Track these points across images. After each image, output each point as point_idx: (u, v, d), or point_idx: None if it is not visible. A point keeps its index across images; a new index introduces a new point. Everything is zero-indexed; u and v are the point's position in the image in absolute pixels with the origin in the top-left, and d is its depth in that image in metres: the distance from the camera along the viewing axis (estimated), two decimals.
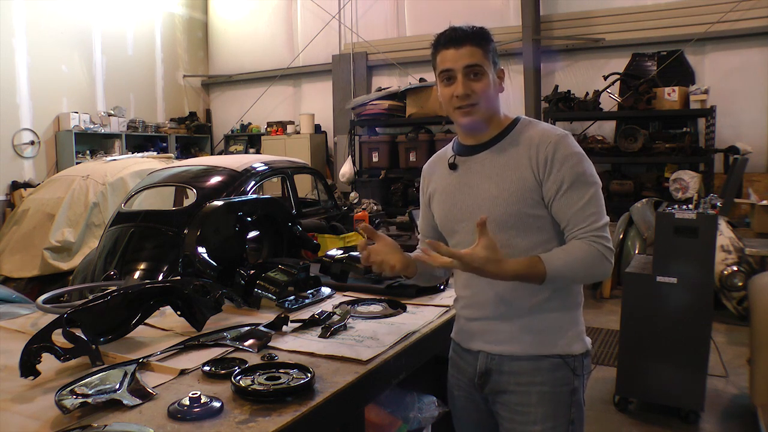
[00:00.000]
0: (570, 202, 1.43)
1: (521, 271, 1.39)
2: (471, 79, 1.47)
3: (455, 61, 1.46)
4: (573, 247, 1.43)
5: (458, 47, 1.46)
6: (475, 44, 1.46)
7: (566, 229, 1.46)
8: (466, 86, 1.46)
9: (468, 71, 1.46)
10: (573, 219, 1.44)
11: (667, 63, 7.17)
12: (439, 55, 1.51)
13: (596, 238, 1.42)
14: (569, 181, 1.43)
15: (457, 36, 1.47)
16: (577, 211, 1.43)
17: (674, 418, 3.31)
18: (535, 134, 1.49)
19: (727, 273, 4.84)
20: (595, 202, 1.45)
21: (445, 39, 1.49)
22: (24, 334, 1.71)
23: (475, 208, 1.51)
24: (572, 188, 1.43)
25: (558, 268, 1.40)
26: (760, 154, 6.84)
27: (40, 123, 8.26)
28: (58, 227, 5.60)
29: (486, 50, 1.48)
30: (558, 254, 1.42)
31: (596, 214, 1.44)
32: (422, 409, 1.92)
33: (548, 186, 1.44)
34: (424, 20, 8.98)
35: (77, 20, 8.71)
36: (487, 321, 1.54)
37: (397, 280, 2.16)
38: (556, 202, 1.45)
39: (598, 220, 1.44)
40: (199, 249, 2.00)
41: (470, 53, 1.46)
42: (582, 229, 1.43)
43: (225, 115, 10.97)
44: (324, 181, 5.62)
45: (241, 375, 1.33)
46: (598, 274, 1.45)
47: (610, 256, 1.43)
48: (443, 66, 1.49)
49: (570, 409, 1.50)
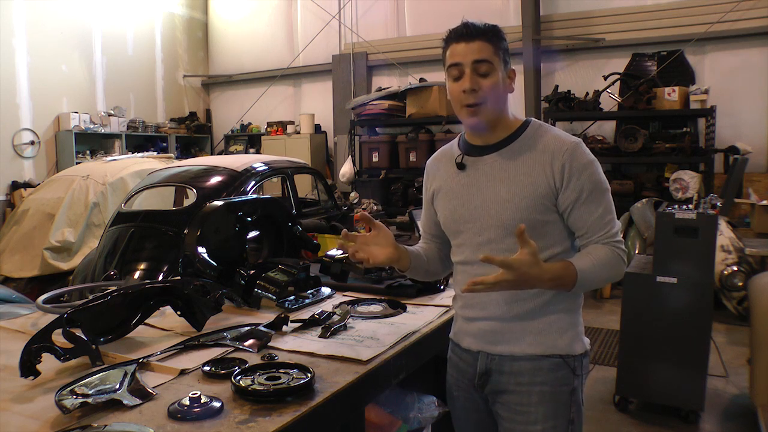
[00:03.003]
0: (589, 210, 1.45)
1: (558, 273, 1.39)
2: (479, 75, 1.45)
3: (464, 56, 1.45)
4: (597, 251, 1.45)
5: (469, 42, 1.45)
6: (486, 40, 1.45)
7: (584, 236, 1.48)
8: (474, 81, 1.44)
9: (477, 67, 1.45)
10: (592, 227, 1.46)
11: (667, 63, 7.17)
12: (449, 50, 1.49)
13: (615, 243, 1.46)
14: (588, 191, 1.45)
15: (469, 31, 1.46)
16: (596, 220, 1.46)
17: (674, 418, 3.31)
18: (549, 141, 1.49)
19: (727, 273, 4.84)
20: (611, 209, 1.48)
21: (457, 33, 1.47)
22: (24, 334, 1.71)
23: (482, 209, 1.51)
24: (590, 197, 1.45)
25: (587, 272, 1.41)
26: (760, 154, 6.84)
27: (40, 123, 8.26)
28: (58, 227, 5.61)
29: (497, 47, 1.46)
30: (585, 259, 1.44)
31: (612, 221, 1.47)
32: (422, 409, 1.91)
33: (567, 194, 1.45)
34: (424, 20, 8.97)
35: (77, 20, 8.71)
36: (487, 321, 1.54)
37: (398, 280, 2.16)
38: (575, 210, 1.46)
39: (613, 226, 1.47)
40: (199, 249, 2.00)
41: (480, 48, 1.44)
42: (600, 236, 1.46)
43: (225, 115, 10.97)
44: (324, 181, 5.62)
45: (241, 375, 1.33)
46: (615, 276, 1.47)
47: (625, 258, 1.48)
48: (452, 60, 1.47)
49: (570, 408, 1.51)
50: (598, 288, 1.57)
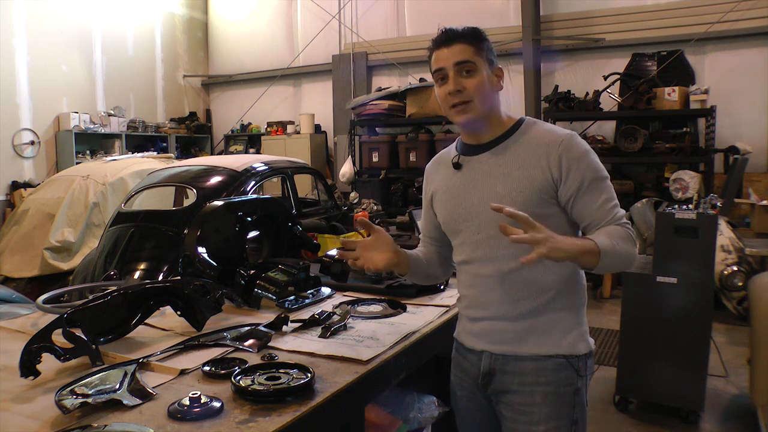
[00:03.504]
0: (592, 198, 1.45)
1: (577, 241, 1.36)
2: (463, 76, 1.48)
3: (446, 60, 1.49)
4: (608, 229, 1.43)
5: (449, 46, 1.49)
6: (465, 42, 1.49)
7: (590, 225, 1.47)
8: (458, 83, 1.48)
9: (459, 68, 1.48)
10: (597, 215, 1.46)
11: (667, 63, 7.17)
12: (433, 57, 1.54)
13: (623, 223, 1.45)
14: (589, 179, 1.45)
15: (448, 36, 1.50)
16: (599, 207, 1.45)
17: (674, 418, 3.31)
18: (542, 134, 1.50)
19: (727, 273, 4.84)
20: (612, 195, 1.48)
21: (438, 40, 1.52)
22: (24, 334, 1.71)
23: (480, 207, 1.51)
24: (591, 186, 1.45)
25: (605, 244, 1.36)
26: (760, 154, 6.84)
27: (40, 123, 8.26)
28: (58, 227, 5.61)
29: (478, 48, 1.49)
30: (599, 234, 1.41)
31: (616, 206, 1.47)
32: (422, 409, 1.92)
33: (567, 186, 1.45)
34: (424, 20, 8.97)
35: (77, 20, 8.71)
36: (491, 321, 1.54)
37: (398, 280, 2.16)
38: (578, 201, 1.46)
39: (618, 210, 1.47)
40: (199, 249, 2.00)
41: (461, 50, 1.48)
42: (607, 221, 1.45)
43: (225, 115, 10.97)
44: (324, 181, 5.62)
45: (241, 375, 1.33)
46: (633, 255, 1.43)
47: (636, 239, 1.46)
48: (436, 65, 1.52)
49: (573, 409, 1.50)
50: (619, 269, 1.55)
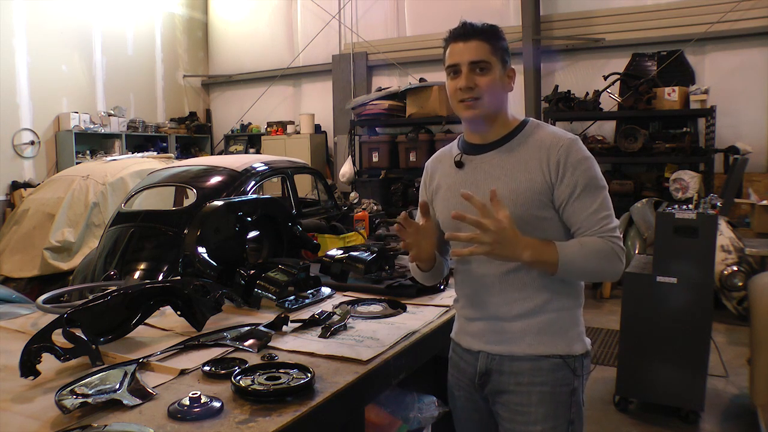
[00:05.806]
0: (583, 206, 1.44)
1: (535, 244, 1.38)
2: (476, 73, 1.47)
3: (461, 55, 1.47)
4: (588, 240, 1.43)
5: (466, 41, 1.47)
6: (483, 40, 1.47)
7: (578, 231, 1.47)
8: (470, 79, 1.47)
9: (473, 66, 1.47)
10: (585, 222, 1.45)
11: (667, 63, 7.17)
12: (448, 49, 1.52)
13: (610, 237, 1.43)
14: (582, 186, 1.44)
15: (467, 31, 1.48)
16: (590, 215, 1.44)
17: (674, 418, 3.31)
18: (545, 137, 1.49)
19: (727, 273, 4.84)
20: (607, 206, 1.46)
21: (455, 33, 1.50)
22: (24, 334, 1.71)
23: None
24: (585, 192, 1.44)
25: (570, 255, 1.39)
26: (760, 154, 6.84)
27: (40, 123, 8.26)
28: (58, 227, 5.61)
29: (494, 47, 1.48)
30: (571, 243, 1.43)
31: (609, 217, 1.45)
32: (422, 409, 1.92)
33: (561, 190, 1.45)
34: (424, 20, 8.97)
35: (77, 20, 8.71)
36: (487, 321, 1.54)
37: (397, 280, 2.17)
38: (569, 206, 1.45)
39: (610, 222, 1.45)
40: (199, 249, 2.00)
41: (477, 48, 1.47)
42: (595, 231, 1.44)
43: (225, 115, 10.97)
44: (324, 181, 5.62)
45: (241, 375, 1.33)
46: (609, 271, 1.44)
47: (622, 256, 1.44)
48: (450, 60, 1.50)
49: (570, 409, 1.50)
50: (591, 280, 1.55)
